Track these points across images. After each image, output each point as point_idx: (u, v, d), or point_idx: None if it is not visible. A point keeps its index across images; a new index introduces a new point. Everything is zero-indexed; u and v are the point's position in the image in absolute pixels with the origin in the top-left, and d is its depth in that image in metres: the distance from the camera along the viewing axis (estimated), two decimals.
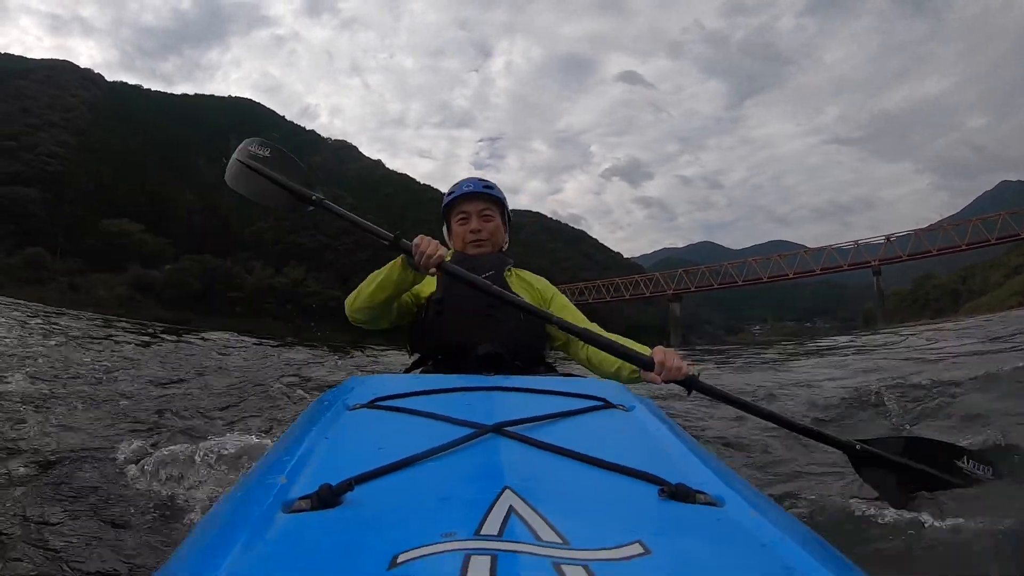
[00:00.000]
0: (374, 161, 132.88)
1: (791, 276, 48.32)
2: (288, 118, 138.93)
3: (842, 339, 16.79)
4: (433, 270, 1.91)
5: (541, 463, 0.89)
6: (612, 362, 1.96)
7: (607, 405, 1.26)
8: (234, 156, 2.29)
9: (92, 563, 1.72)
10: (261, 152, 2.25)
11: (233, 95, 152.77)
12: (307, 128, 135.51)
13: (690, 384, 1.78)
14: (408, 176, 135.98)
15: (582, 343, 2.02)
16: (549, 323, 1.94)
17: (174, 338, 12.23)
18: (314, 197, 2.18)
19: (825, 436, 1.95)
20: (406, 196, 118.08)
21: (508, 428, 0.98)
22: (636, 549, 0.61)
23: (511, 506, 0.68)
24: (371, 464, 0.82)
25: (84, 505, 2.18)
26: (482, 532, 0.62)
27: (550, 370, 2.12)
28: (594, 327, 2.02)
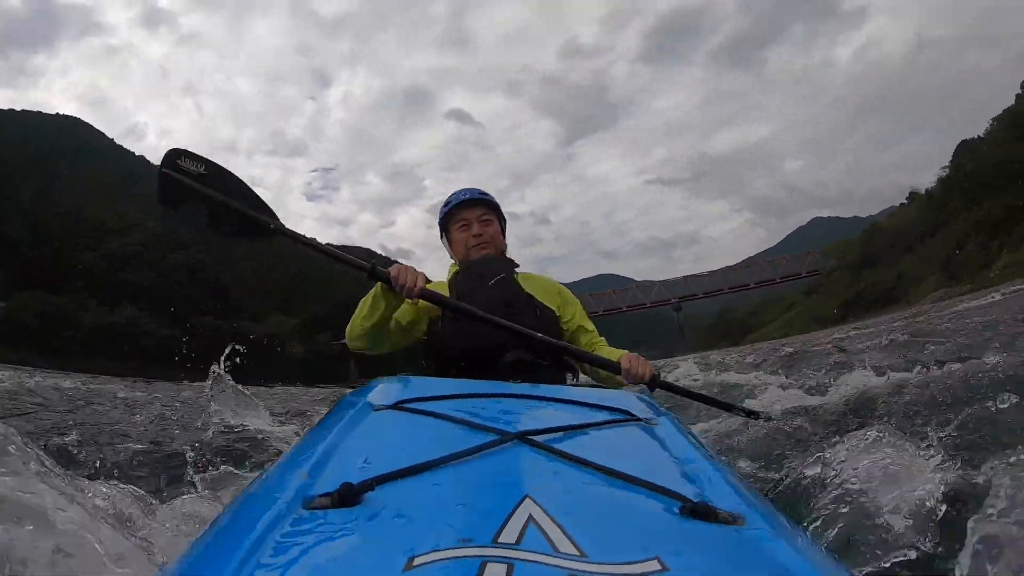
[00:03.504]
0: None
1: (600, 313, 54.70)
2: (116, 141, 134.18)
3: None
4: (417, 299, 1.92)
5: (563, 474, 0.88)
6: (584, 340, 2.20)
7: (632, 418, 1.26)
8: (161, 168, 1.98)
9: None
10: (193, 168, 1.94)
11: (61, 112, 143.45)
12: (136, 153, 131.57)
13: (654, 383, 1.96)
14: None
15: (585, 342, 2.25)
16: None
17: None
18: (272, 225, 1.96)
19: (733, 407, 2.34)
20: None
21: (532, 437, 0.98)
22: (654, 565, 0.60)
23: (530, 515, 0.68)
24: (393, 465, 0.81)
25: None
26: (500, 540, 0.62)
27: (575, 374, 2.17)
28: (601, 341, 2.29)
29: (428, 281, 2.03)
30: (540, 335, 1.95)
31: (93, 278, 71.34)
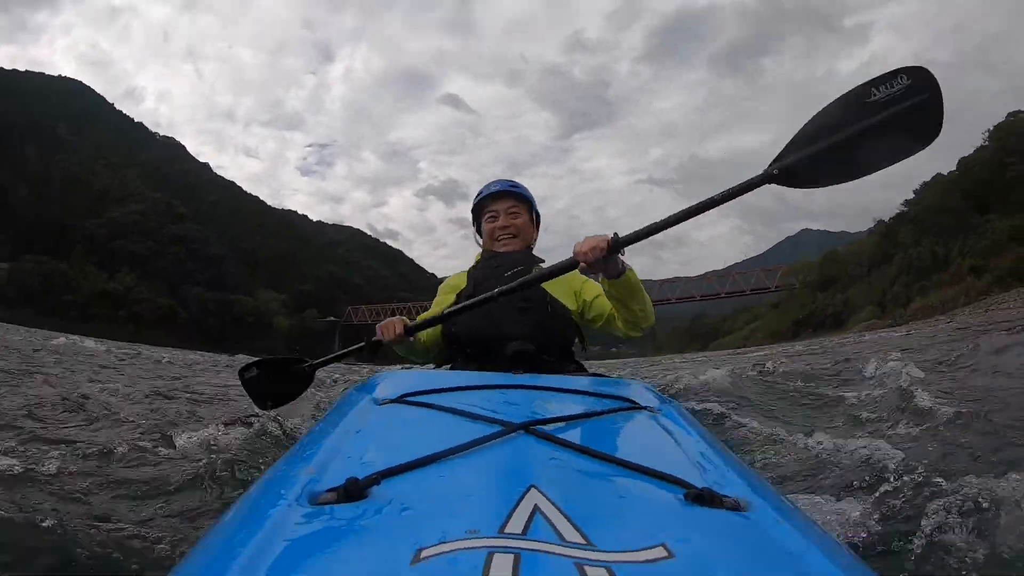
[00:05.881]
0: (201, 164, 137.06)
1: None
2: (116, 106, 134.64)
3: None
4: (409, 337, 2.07)
5: (568, 463, 0.88)
6: (609, 306, 2.09)
7: (635, 407, 1.26)
8: (247, 389, 2.34)
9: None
10: (249, 374, 2.30)
11: (61, 74, 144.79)
12: (135, 120, 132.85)
13: (616, 246, 1.81)
14: (235, 184, 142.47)
15: (608, 317, 2.13)
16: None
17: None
18: (306, 367, 2.25)
19: (744, 186, 1.83)
20: (232, 203, 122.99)
21: (536, 427, 0.98)
22: (659, 552, 0.60)
23: (536, 505, 0.68)
24: (398, 459, 0.81)
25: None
26: (506, 530, 0.62)
27: (579, 368, 2.12)
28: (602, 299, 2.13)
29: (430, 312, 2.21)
30: (539, 273, 1.92)
31: (94, 244, 73.50)
